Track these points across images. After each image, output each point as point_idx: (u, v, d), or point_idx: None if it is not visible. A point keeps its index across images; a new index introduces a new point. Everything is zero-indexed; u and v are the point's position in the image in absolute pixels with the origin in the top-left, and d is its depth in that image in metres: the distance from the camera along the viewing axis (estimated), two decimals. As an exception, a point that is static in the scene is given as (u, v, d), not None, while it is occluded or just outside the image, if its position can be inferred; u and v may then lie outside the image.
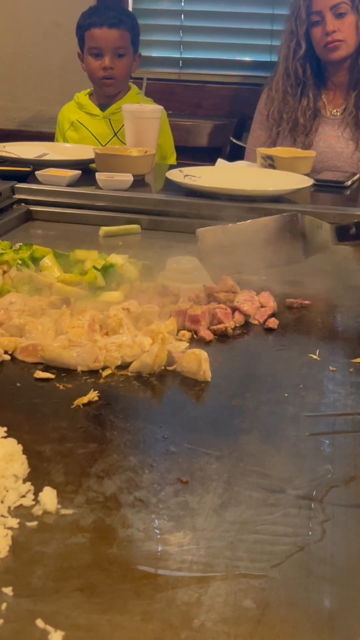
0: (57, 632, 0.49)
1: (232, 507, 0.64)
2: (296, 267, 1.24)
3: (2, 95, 3.10)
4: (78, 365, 0.88)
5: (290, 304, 1.12)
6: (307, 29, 2.16)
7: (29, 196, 1.64)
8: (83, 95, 2.38)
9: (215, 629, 0.50)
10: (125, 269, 1.16)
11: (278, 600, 0.53)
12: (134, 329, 0.96)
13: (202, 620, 0.51)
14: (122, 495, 0.64)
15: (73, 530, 0.60)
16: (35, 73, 3.07)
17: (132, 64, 2.32)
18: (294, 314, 1.09)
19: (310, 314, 1.10)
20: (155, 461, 0.70)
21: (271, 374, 0.90)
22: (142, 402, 0.83)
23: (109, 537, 0.59)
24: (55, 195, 1.65)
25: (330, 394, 0.85)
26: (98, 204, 1.62)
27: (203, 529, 0.60)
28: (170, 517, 0.62)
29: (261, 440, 0.75)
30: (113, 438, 0.74)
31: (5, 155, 1.86)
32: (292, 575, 0.56)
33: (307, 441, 0.75)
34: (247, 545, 0.59)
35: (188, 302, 1.05)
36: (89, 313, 0.96)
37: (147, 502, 0.64)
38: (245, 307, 1.05)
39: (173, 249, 1.33)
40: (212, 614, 0.51)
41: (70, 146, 2.14)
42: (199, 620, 0.51)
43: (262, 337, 1.02)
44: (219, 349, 0.97)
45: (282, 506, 0.64)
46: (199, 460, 0.70)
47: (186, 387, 0.86)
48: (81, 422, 0.77)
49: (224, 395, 0.84)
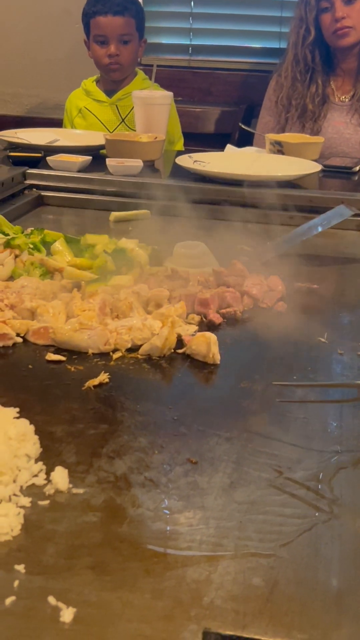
0: (69, 608, 0.49)
1: (241, 487, 0.63)
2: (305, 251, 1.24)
3: (14, 81, 3.09)
4: (89, 347, 0.88)
5: (299, 288, 1.11)
6: (317, 16, 2.12)
7: (41, 182, 1.63)
8: (90, 82, 2.36)
9: (225, 606, 0.50)
10: (135, 254, 1.15)
11: (286, 578, 0.53)
12: (144, 313, 0.96)
13: (211, 597, 0.50)
14: (132, 475, 0.64)
15: (84, 509, 0.59)
16: (45, 60, 3.05)
17: (138, 49, 2.30)
18: (303, 298, 1.08)
19: (318, 297, 1.09)
20: (165, 442, 0.70)
21: (280, 357, 0.90)
22: (152, 384, 0.82)
23: (120, 516, 0.59)
24: (66, 181, 1.64)
25: (338, 376, 0.85)
26: (108, 189, 1.61)
27: (212, 509, 0.60)
28: (179, 496, 0.62)
29: (269, 421, 0.75)
30: (123, 419, 0.74)
31: (17, 142, 1.85)
32: (300, 554, 0.55)
33: (316, 423, 0.74)
34: (255, 525, 0.58)
35: (197, 286, 1.05)
36: (100, 296, 0.95)
37: (157, 482, 0.63)
38: (254, 291, 1.04)
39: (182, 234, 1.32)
40: (222, 591, 0.51)
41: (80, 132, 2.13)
42: (208, 598, 0.50)
43: (271, 320, 1.01)
44: (228, 332, 0.97)
45: (291, 487, 0.64)
46: (209, 441, 0.70)
47: (195, 369, 0.85)
48: (92, 403, 0.77)
49: (232, 378, 0.84)
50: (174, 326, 0.90)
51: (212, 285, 1.06)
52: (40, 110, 3.11)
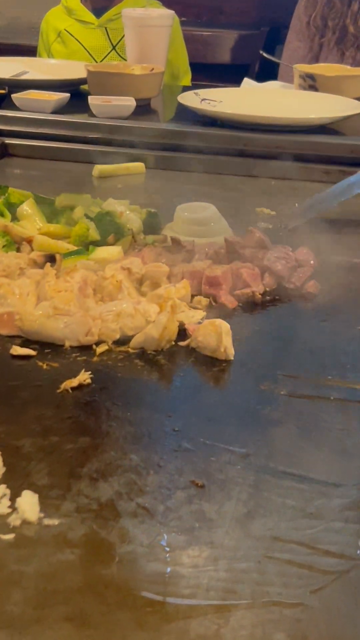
0: (40, 671, 0.49)
1: (260, 517, 0.63)
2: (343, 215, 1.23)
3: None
4: (66, 339, 0.88)
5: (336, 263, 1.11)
6: None
7: (4, 126, 1.63)
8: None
9: (238, 669, 0.50)
10: (125, 219, 1.15)
11: (318, 634, 0.53)
12: (137, 294, 0.96)
13: (221, 658, 0.51)
14: (121, 501, 0.64)
15: (59, 545, 0.60)
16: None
17: None
18: (340, 276, 1.08)
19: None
20: (163, 460, 0.70)
21: (310, 351, 0.90)
22: (147, 385, 0.82)
23: (105, 554, 0.59)
24: (38, 125, 1.64)
25: (385, 376, 0.85)
26: (91, 135, 1.61)
27: (223, 545, 0.60)
28: (181, 529, 0.62)
29: (297, 434, 0.75)
30: (110, 430, 0.74)
31: (-27, 74, 1.84)
32: (335, 603, 0.56)
33: (357, 436, 0.74)
34: (279, 566, 0.59)
35: (205, 261, 1.04)
36: (80, 273, 0.95)
37: (153, 510, 0.63)
38: (278, 267, 1.04)
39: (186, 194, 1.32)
40: (235, 650, 0.51)
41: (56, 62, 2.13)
42: (217, 659, 0.51)
43: (300, 305, 1.01)
44: (245, 319, 0.97)
45: (324, 517, 0.64)
46: (219, 459, 0.70)
47: (203, 367, 0.85)
48: (70, 410, 0.77)
49: (250, 378, 0.84)
50: (175, 311, 0.89)
51: (224, 260, 1.06)
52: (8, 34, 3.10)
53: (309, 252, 1.08)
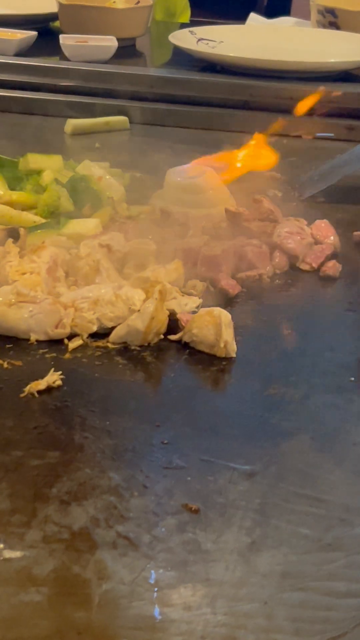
0: None
1: (267, 549, 0.63)
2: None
3: None
4: (31, 331, 0.88)
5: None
6: None
7: None
8: None
9: None
10: (104, 185, 1.15)
11: None
12: (118, 277, 0.96)
13: None
14: (98, 530, 0.64)
15: (23, 582, 0.60)
16: None
17: None
18: None
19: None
20: (149, 479, 0.70)
21: (329, 347, 0.90)
22: (130, 389, 0.82)
23: (79, 593, 0.59)
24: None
25: None
26: (63, 83, 1.61)
27: (222, 583, 0.60)
28: (172, 563, 0.62)
29: (313, 448, 0.75)
30: (85, 443, 0.74)
31: None
32: (358, 653, 0.56)
33: (384, 450, 0.75)
34: (290, 609, 0.59)
35: (202, 236, 1.05)
36: (49, 252, 0.95)
37: (137, 540, 0.64)
38: (291, 244, 1.04)
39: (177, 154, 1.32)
40: None
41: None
42: None
43: (317, 290, 1.01)
44: (249, 307, 0.97)
45: (345, 549, 0.64)
46: (217, 478, 0.70)
47: (198, 366, 0.86)
48: (36, 418, 0.77)
49: (256, 380, 0.84)
50: (165, 298, 0.90)
51: (224, 236, 1.06)
52: None
53: (328, 227, 1.08)
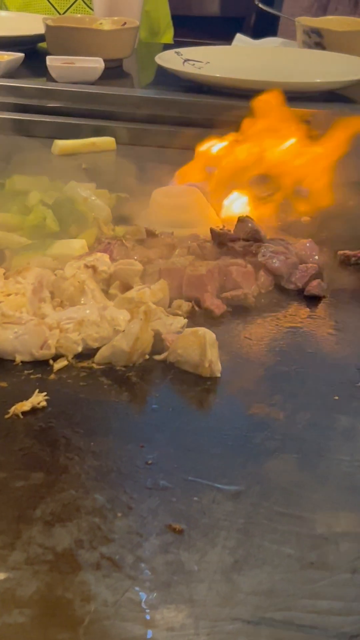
0: None
1: (250, 569, 0.63)
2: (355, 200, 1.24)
3: None
4: (16, 352, 0.88)
5: (346, 258, 1.11)
6: None
7: None
8: None
9: None
10: (90, 206, 1.16)
11: None
12: (103, 298, 0.96)
13: None
14: (81, 551, 0.64)
15: (6, 604, 0.59)
16: None
17: None
18: (351, 274, 1.09)
19: None
20: (133, 500, 0.70)
21: (314, 366, 0.90)
22: (115, 409, 0.83)
23: (62, 615, 0.59)
24: (-15, 92, 1.64)
25: None
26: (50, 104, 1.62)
27: (206, 603, 0.60)
28: (155, 584, 0.62)
29: (297, 467, 0.75)
30: (69, 464, 0.74)
31: None
32: (341, 673, 0.56)
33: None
34: (273, 629, 0.59)
35: (187, 257, 1.05)
36: (34, 273, 0.95)
37: (121, 561, 0.64)
38: (276, 264, 1.04)
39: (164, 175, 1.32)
40: None
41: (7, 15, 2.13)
42: None
43: (301, 309, 1.02)
44: (234, 327, 0.97)
45: (329, 568, 0.64)
46: (201, 498, 0.70)
47: (183, 386, 0.86)
48: (20, 439, 0.77)
49: (240, 399, 0.84)
50: (150, 319, 0.90)
51: (210, 255, 1.06)
52: None
53: (312, 246, 1.09)
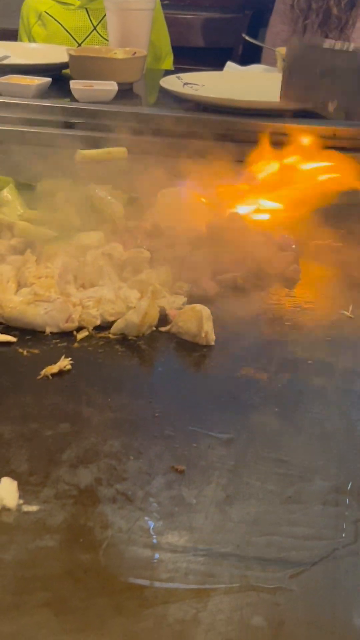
0: (18, 657, 0.49)
1: (239, 502, 0.64)
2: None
3: None
4: (46, 325, 0.88)
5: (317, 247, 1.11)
6: None
7: (-15, 111, 1.62)
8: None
9: (217, 653, 0.51)
10: (107, 204, 1.15)
11: (296, 618, 0.53)
12: (118, 280, 0.96)
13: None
14: (100, 487, 0.65)
15: (39, 531, 0.60)
16: None
17: None
18: (322, 260, 1.08)
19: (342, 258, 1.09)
20: (143, 445, 0.70)
21: (292, 335, 0.90)
22: (128, 371, 0.82)
23: (84, 539, 0.59)
24: (19, 110, 1.62)
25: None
26: (73, 120, 1.60)
27: (202, 530, 0.61)
28: (161, 514, 0.62)
29: (278, 418, 0.75)
30: (90, 417, 0.74)
31: None
32: (314, 587, 0.56)
33: (337, 420, 0.75)
34: (258, 550, 0.59)
35: (187, 246, 1.04)
36: (61, 260, 0.95)
37: (133, 496, 0.64)
38: (261, 252, 1.04)
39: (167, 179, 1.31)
40: (213, 634, 0.52)
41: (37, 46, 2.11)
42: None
43: (281, 289, 1.01)
44: (226, 304, 0.97)
45: (304, 501, 0.64)
46: (199, 444, 0.70)
47: (183, 352, 0.86)
48: (50, 396, 0.77)
49: (231, 363, 0.84)
50: (156, 297, 0.90)
51: (205, 245, 1.06)
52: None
53: (290, 237, 1.08)
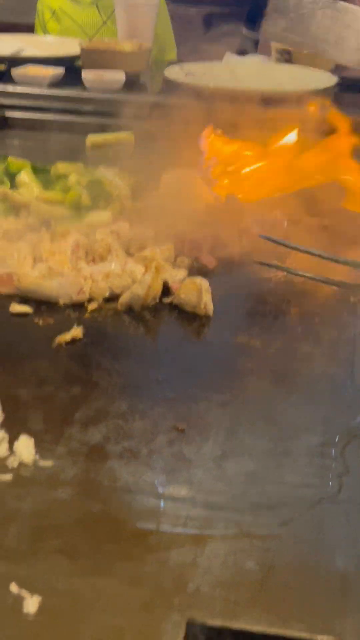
0: (34, 597, 0.49)
1: (234, 457, 0.64)
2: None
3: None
4: (60, 297, 0.87)
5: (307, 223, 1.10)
6: None
7: (4, 99, 1.60)
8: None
9: (212, 593, 0.51)
10: (114, 185, 1.13)
11: (285, 562, 0.54)
12: (125, 256, 0.95)
13: (197, 584, 0.51)
14: (108, 445, 0.65)
15: (53, 484, 0.60)
16: None
17: None
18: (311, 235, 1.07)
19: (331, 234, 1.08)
20: (147, 407, 0.70)
21: (283, 305, 0.90)
22: (133, 339, 0.82)
23: (94, 492, 0.59)
24: (35, 99, 1.60)
25: (349, 327, 0.85)
26: (85, 108, 1.58)
27: (200, 482, 0.61)
28: (163, 469, 0.62)
29: (270, 381, 0.75)
30: (99, 380, 0.74)
31: (-25, 52, 1.80)
32: (301, 535, 0.56)
33: (322, 383, 0.74)
34: (250, 501, 0.59)
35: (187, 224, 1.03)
36: (73, 237, 0.94)
37: (138, 452, 0.64)
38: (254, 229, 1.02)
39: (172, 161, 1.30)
40: (209, 577, 0.52)
41: (51, 39, 2.08)
42: (193, 584, 0.51)
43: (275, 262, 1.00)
44: (224, 277, 0.96)
45: (292, 457, 0.64)
46: (198, 406, 0.70)
47: (184, 322, 0.85)
48: (63, 362, 0.77)
49: (227, 332, 0.84)
50: (159, 271, 0.89)
51: (204, 223, 1.04)
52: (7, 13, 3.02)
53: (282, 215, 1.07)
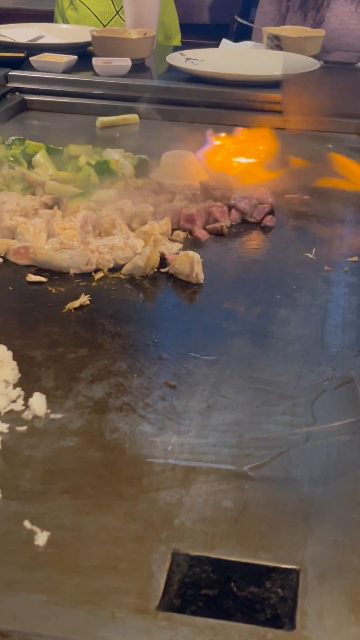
0: (43, 532, 0.51)
1: (218, 410, 0.65)
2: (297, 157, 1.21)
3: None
4: (70, 268, 0.88)
5: (290, 200, 1.09)
6: None
7: (24, 84, 1.58)
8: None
9: (195, 528, 0.53)
10: (120, 165, 1.13)
11: (256, 500, 0.55)
12: (127, 230, 0.95)
13: (182, 520, 0.53)
14: (110, 399, 0.66)
15: (62, 434, 0.61)
16: None
17: None
18: (293, 211, 1.07)
19: (310, 210, 1.08)
20: (144, 366, 0.71)
21: (265, 275, 0.90)
22: (134, 305, 0.83)
23: (97, 440, 0.61)
24: (51, 83, 1.59)
25: (322, 294, 0.85)
26: (95, 91, 1.57)
27: (188, 433, 0.62)
28: (156, 420, 0.63)
29: (251, 343, 0.75)
30: (104, 343, 0.74)
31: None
32: (271, 477, 0.58)
33: (296, 344, 0.75)
34: (230, 448, 0.60)
35: (184, 201, 1.03)
36: (82, 213, 0.94)
37: (135, 406, 0.65)
38: (242, 205, 1.03)
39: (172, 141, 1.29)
40: (192, 514, 0.54)
41: (66, 27, 2.04)
42: (179, 520, 0.53)
43: (259, 236, 1.00)
44: (214, 249, 0.96)
45: (268, 410, 0.65)
46: (188, 365, 0.71)
47: (178, 289, 0.86)
48: (72, 326, 0.77)
49: (215, 298, 0.84)
50: (157, 245, 0.89)
51: (199, 200, 1.05)
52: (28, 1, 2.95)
53: (267, 192, 1.07)
